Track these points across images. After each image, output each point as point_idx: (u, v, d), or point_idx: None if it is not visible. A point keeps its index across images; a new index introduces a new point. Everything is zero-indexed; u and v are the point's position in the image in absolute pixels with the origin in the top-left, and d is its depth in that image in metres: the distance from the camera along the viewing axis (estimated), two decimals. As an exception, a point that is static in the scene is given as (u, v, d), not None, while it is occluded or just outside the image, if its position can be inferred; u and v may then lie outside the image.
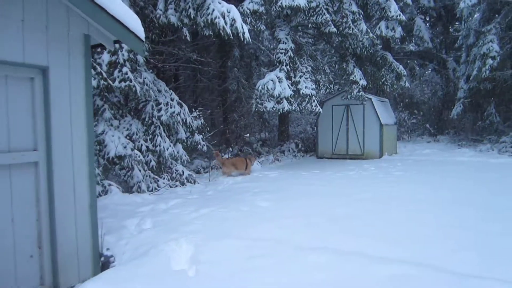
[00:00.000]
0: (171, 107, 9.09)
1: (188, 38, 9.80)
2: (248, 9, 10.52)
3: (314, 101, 11.29)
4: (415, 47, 24.13)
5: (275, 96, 10.65)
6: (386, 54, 13.42)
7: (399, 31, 12.49)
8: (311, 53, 12.44)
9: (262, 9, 10.61)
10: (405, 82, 13.54)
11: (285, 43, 11.17)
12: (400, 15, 11.53)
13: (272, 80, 10.79)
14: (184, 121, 9.28)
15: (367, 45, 12.50)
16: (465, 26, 16.20)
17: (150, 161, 8.48)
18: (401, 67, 13.35)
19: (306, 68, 11.65)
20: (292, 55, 11.14)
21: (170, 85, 14.01)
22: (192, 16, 7.02)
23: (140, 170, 8.05)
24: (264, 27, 11.02)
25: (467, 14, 14.97)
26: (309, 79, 11.47)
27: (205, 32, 7.68)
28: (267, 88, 10.69)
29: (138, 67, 8.30)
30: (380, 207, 5.63)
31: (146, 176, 8.21)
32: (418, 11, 21.43)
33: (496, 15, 14.62)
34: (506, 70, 13.29)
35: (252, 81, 15.09)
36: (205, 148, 9.92)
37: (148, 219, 5.19)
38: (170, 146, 8.86)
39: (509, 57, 13.48)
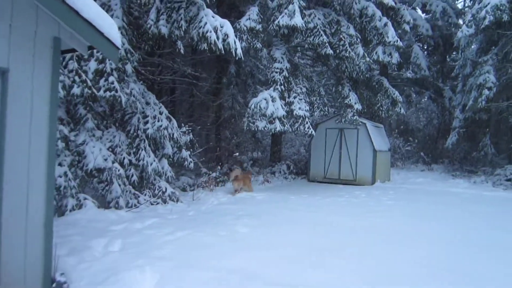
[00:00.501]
0: (158, 121, 8.79)
1: (182, 51, 9.56)
2: (245, 26, 10.37)
3: (307, 122, 11.05)
4: (412, 75, 24.24)
5: (267, 115, 10.41)
6: (382, 79, 13.30)
7: (396, 57, 12.40)
8: (307, 74, 12.27)
9: (259, 27, 10.47)
10: (400, 109, 13.37)
11: (281, 63, 11.00)
12: (397, 41, 11.44)
13: (265, 99, 10.56)
14: (172, 135, 8.96)
15: (364, 69, 12.37)
16: (462, 56, 16.20)
17: (132, 175, 8.11)
18: (397, 93, 13.21)
19: (301, 89, 11.46)
20: (287, 74, 10.95)
21: (164, 98, 13.78)
22: (183, 28, 6.80)
23: (119, 185, 7.67)
24: (261, 45, 10.85)
25: (465, 44, 14.97)
26: (303, 100, 11.26)
27: (200, 46, 7.44)
28: (260, 107, 10.45)
29: (126, 78, 8.02)
30: (366, 240, 5.28)
31: (126, 191, 7.83)
32: (416, 39, 21.56)
33: (493, 47, 14.62)
34: (502, 101, 13.18)
35: (247, 99, 14.86)
36: (192, 165, 9.57)
37: (118, 240, 4.80)
38: (154, 161, 8.52)
39: (505, 89, 13.39)
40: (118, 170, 7.59)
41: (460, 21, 21.34)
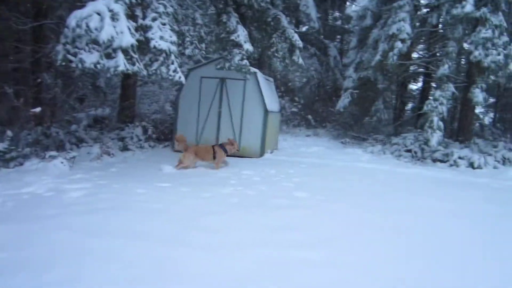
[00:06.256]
0: None
1: None
2: None
3: (173, 62, 6.86)
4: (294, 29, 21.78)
5: (102, 42, 5.88)
6: (280, 15, 9.80)
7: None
8: (175, -12, 7.89)
9: None
10: (298, 58, 10.20)
11: (129, -46, 6.38)
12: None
13: (98, 14, 5.98)
14: None
15: (258, -5, 8.62)
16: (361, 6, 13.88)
17: None
18: (296, 36, 9.94)
19: (165, 7, 7.10)
20: (140, -23, 6.43)
21: None
22: None
23: None
24: None
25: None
26: (167, 26, 6.98)
27: None
28: (88, 26, 5.87)
29: None
30: None
31: None
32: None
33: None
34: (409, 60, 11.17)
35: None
36: None
37: None
38: None
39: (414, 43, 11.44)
40: None
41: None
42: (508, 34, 9.29)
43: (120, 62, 6.03)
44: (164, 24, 6.98)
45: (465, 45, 9.68)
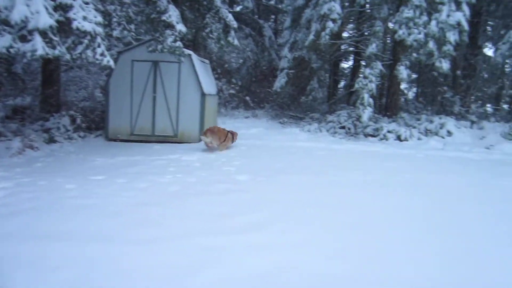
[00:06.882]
0: None
1: None
2: None
3: (100, 45, 6.38)
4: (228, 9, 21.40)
5: (14, 23, 5.29)
6: (213, -6, 9.52)
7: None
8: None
9: None
10: (233, 38, 10.05)
11: None
12: None
13: (7, -9, 5.33)
14: None
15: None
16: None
17: None
18: (230, 16, 9.75)
19: (86, -15, 6.54)
20: (54, -51, 5.82)
21: None
22: None
23: None
24: None
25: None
26: (91, 5, 6.46)
27: None
28: (-4, 5, 5.21)
29: None
30: None
31: None
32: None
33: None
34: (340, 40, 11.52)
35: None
36: None
37: None
38: None
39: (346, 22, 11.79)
40: None
41: None
42: (427, 13, 9.94)
43: (38, 46, 5.49)
44: (87, 3, 6.45)
45: (390, 25, 10.17)
